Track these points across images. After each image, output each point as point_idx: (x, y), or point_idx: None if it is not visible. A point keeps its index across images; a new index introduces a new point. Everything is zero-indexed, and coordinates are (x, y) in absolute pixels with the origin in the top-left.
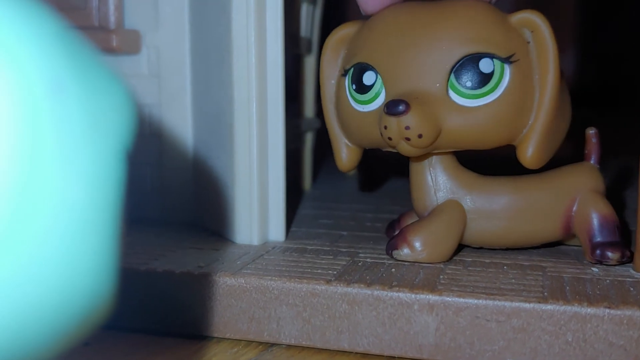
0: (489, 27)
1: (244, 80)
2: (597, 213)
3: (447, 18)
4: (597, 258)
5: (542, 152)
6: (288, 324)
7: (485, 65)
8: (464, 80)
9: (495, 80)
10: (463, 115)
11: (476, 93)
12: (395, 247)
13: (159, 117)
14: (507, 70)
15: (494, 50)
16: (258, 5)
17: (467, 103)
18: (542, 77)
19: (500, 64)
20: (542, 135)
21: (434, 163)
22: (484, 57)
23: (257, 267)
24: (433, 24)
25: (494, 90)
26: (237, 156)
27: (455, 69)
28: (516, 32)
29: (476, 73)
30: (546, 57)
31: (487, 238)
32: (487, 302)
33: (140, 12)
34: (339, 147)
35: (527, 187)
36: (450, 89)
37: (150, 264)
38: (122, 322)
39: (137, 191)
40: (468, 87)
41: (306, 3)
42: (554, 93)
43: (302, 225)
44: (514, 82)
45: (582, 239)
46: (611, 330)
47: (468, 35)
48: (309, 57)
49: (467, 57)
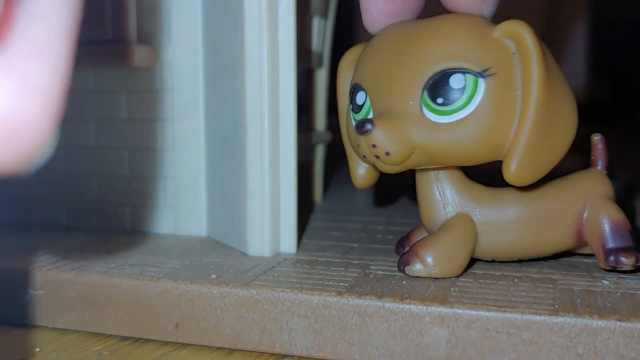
0: (464, 42)
1: (257, 94)
2: (609, 219)
3: (424, 36)
4: (611, 264)
5: (527, 169)
6: (299, 336)
7: (455, 81)
8: (435, 97)
9: (467, 96)
10: (437, 133)
11: (447, 109)
12: (407, 263)
13: (172, 131)
14: (482, 85)
15: (467, 65)
16: (270, 19)
17: (440, 120)
18: (525, 89)
19: (473, 79)
20: (526, 150)
21: (441, 177)
22: (455, 72)
23: (269, 278)
24: (412, 42)
25: (466, 106)
26: (250, 169)
27: (427, 86)
28: (498, 44)
29: (447, 89)
30: (529, 69)
31: (499, 250)
32: (498, 315)
33: (154, 27)
34: (355, 164)
35: (536, 197)
36: (424, 107)
37: (162, 275)
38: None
39: (149, 204)
40: (439, 104)
41: (317, 17)
42: (538, 105)
43: (313, 237)
44: (489, 97)
45: (594, 246)
46: (622, 342)
47: (441, 53)
48: (320, 70)
49: (438, 74)
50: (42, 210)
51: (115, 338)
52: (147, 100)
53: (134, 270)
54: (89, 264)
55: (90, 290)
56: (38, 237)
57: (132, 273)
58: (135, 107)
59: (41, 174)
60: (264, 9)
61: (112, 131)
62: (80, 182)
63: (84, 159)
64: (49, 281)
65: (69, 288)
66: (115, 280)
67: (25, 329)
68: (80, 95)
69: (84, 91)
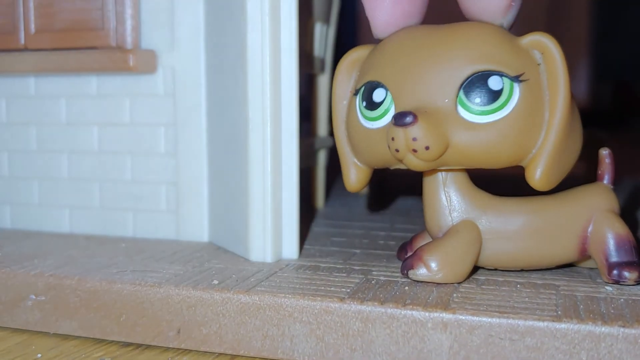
0: (498, 46)
1: (259, 100)
2: (613, 233)
3: (457, 37)
4: (614, 278)
5: (551, 174)
6: (302, 342)
7: (494, 83)
8: (472, 97)
9: (505, 98)
10: (471, 132)
11: (485, 110)
12: (411, 267)
13: (175, 137)
14: (517, 89)
15: (503, 68)
16: (273, 25)
17: (475, 119)
18: (552, 98)
19: (509, 82)
20: (552, 156)
21: (448, 183)
22: (493, 74)
23: (271, 284)
24: (443, 42)
25: (503, 108)
26: (252, 174)
27: (464, 86)
28: (526, 53)
29: (485, 90)
30: (556, 79)
31: (503, 259)
32: (501, 321)
33: (156, 32)
34: (348, 167)
35: (542, 208)
36: (459, 105)
37: (164, 281)
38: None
39: (152, 210)
40: (477, 104)
41: (320, 23)
42: (564, 114)
43: (315, 243)
44: (523, 101)
45: (598, 259)
46: (625, 349)
47: (477, 53)
48: (322, 76)
49: (476, 74)
50: (44, 216)
51: (117, 344)
52: (150, 105)
53: (136, 276)
54: (91, 270)
55: (92, 296)
56: (40, 242)
57: (134, 279)
58: (138, 113)
59: (43, 179)
60: (266, 14)
61: (115, 136)
62: (83, 187)
63: (87, 164)
64: (51, 287)
65: (71, 294)
66: (117, 286)
67: (27, 335)
68: (83, 101)
69: (87, 96)
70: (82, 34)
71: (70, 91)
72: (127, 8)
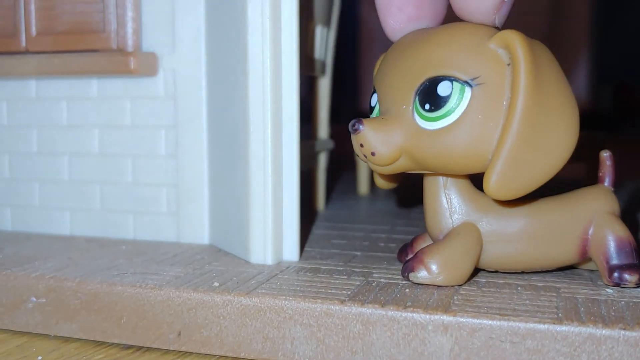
0: (455, 51)
1: (259, 102)
2: (614, 235)
3: (422, 43)
4: (614, 281)
5: (507, 183)
6: (302, 344)
7: (443, 88)
8: (424, 103)
9: (453, 104)
10: (423, 138)
11: (434, 116)
12: (412, 269)
13: (175, 138)
14: (468, 93)
15: (455, 72)
16: (273, 28)
17: (427, 126)
18: (511, 101)
19: (460, 87)
20: (507, 163)
21: (449, 185)
22: (443, 80)
23: (272, 286)
24: (411, 49)
25: (451, 114)
26: (252, 177)
27: (418, 92)
28: (491, 54)
29: (434, 96)
30: (517, 80)
31: (504, 262)
32: (502, 323)
33: (157, 35)
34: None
35: (542, 210)
36: (415, 112)
37: (164, 283)
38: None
39: (152, 212)
40: (427, 110)
41: (320, 26)
42: (522, 117)
43: (315, 245)
44: (475, 105)
45: (598, 262)
46: (626, 352)
47: (433, 59)
48: (322, 78)
49: (428, 80)
50: (45, 218)
51: (117, 346)
52: (151, 108)
53: (137, 279)
54: (91, 272)
55: (93, 299)
56: (41, 245)
57: (134, 281)
58: (139, 115)
59: (44, 181)
60: (266, 17)
61: (116, 139)
62: (83, 189)
63: (88, 166)
64: (51, 289)
65: (72, 296)
66: (118, 288)
67: (27, 337)
68: (84, 103)
69: (88, 99)
70: (84, 36)
71: (71, 94)
72: (128, 11)
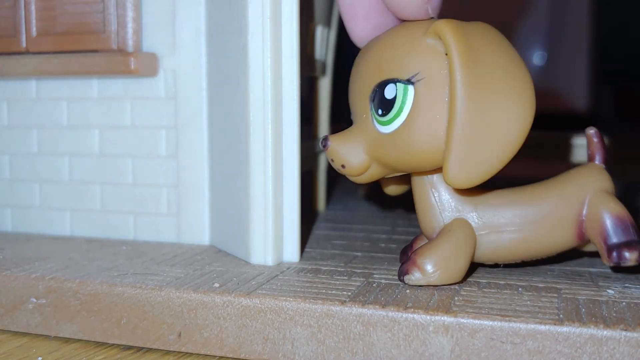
0: (394, 54)
1: (260, 103)
2: (610, 213)
3: (370, 51)
4: (614, 261)
5: (464, 170)
6: (303, 345)
7: (388, 91)
8: (377, 109)
9: (399, 104)
10: (385, 143)
11: (386, 119)
12: (406, 272)
13: (176, 139)
14: (411, 91)
15: (397, 74)
16: (274, 28)
17: (384, 130)
18: (450, 88)
19: (403, 87)
20: (457, 150)
21: (435, 182)
22: (388, 83)
23: (272, 287)
24: (364, 58)
25: (400, 114)
26: (253, 177)
27: (371, 99)
28: (429, 48)
29: (382, 100)
30: (452, 66)
31: (500, 253)
32: (503, 324)
33: (157, 35)
34: None
35: (533, 197)
36: (374, 119)
37: (164, 284)
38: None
39: (153, 213)
40: (380, 115)
41: (321, 26)
42: (463, 103)
43: (316, 246)
44: (420, 102)
45: (596, 242)
46: (628, 352)
47: (377, 65)
48: (323, 79)
49: (377, 86)
50: (45, 218)
51: (117, 347)
52: (151, 108)
53: (137, 279)
54: (91, 273)
55: (93, 299)
56: (41, 245)
57: (134, 282)
58: (139, 116)
59: (44, 182)
60: (267, 18)
61: (116, 139)
62: (84, 190)
63: (88, 166)
64: (51, 290)
65: (72, 297)
66: (118, 289)
67: (27, 338)
68: (84, 104)
69: (89, 99)
70: (84, 37)
71: (72, 94)
72: (129, 11)
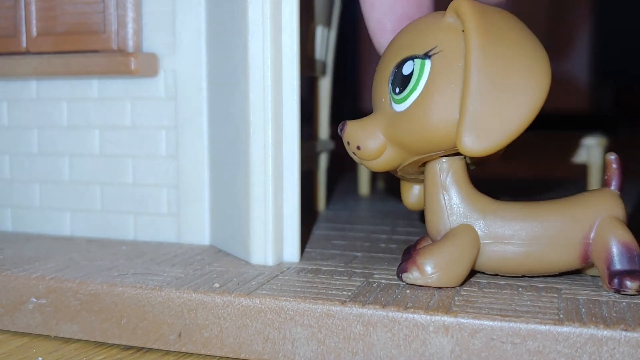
0: (413, 33)
1: (260, 103)
2: (617, 240)
3: (394, 40)
4: (614, 287)
5: (478, 136)
6: (303, 345)
7: (406, 68)
8: (394, 88)
9: (416, 78)
10: (400, 120)
11: (402, 97)
12: (405, 270)
13: (176, 139)
14: (428, 65)
15: (414, 51)
16: (274, 29)
17: (400, 108)
18: (466, 57)
19: (420, 62)
20: (471, 115)
21: (447, 185)
22: (406, 61)
23: (272, 287)
24: (389, 47)
25: (417, 88)
26: (253, 177)
27: (390, 81)
28: (448, 26)
29: (400, 77)
30: (469, 39)
31: (502, 265)
32: (503, 324)
33: (158, 36)
34: (407, 185)
35: (543, 213)
36: (391, 100)
37: (165, 284)
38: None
39: (153, 213)
40: (397, 93)
41: (321, 26)
42: (477, 69)
43: (316, 246)
44: (435, 74)
45: (599, 266)
46: (628, 352)
47: (397, 49)
48: (323, 79)
49: (395, 67)
50: (45, 219)
51: (118, 347)
52: (151, 108)
53: (137, 279)
54: (91, 273)
55: (93, 299)
56: (41, 245)
57: (135, 282)
58: (139, 116)
59: (45, 182)
60: (267, 18)
61: (116, 139)
62: (84, 190)
63: (88, 167)
64: (51, 290)
65: (72, 297)
66: (118, 289)
67: (27, 338)
68: (84, 104)
69: (89, 99)
70: (84, 37)
71: (72, 94)
72: (129, 11)
